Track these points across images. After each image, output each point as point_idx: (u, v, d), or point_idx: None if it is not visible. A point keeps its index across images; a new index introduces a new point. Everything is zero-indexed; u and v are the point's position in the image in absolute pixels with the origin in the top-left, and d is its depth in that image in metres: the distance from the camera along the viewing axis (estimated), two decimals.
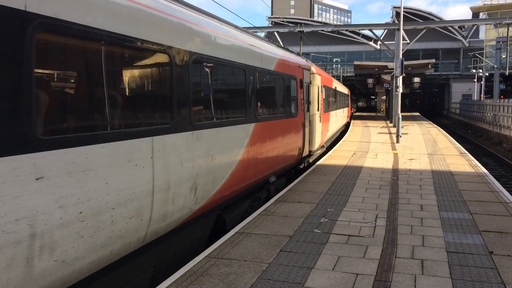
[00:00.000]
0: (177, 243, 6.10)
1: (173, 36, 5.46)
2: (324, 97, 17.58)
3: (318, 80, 15.64)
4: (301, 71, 12.75)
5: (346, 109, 34.46)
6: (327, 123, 18.87)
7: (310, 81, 14.42)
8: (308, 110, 13.95)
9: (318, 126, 15.28)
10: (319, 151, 17.06)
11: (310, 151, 14.42)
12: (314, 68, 15.23)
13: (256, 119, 8.54)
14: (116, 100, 4.53)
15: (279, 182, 11.06)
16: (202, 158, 6.18)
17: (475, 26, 67.31)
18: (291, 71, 11.51)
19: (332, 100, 21.80)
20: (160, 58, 5.27)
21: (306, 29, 35.11)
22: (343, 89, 32.38)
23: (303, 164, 14.36)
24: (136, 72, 5.02)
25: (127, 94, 4.81)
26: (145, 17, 4.89)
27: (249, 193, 8.89)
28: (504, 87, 54.36)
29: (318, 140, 15.46)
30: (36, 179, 3.46)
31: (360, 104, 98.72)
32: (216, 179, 6.73)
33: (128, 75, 4.86)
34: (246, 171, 8.06)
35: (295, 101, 11.96)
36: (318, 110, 15.41)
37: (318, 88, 15.58)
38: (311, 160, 15.53)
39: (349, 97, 41.78)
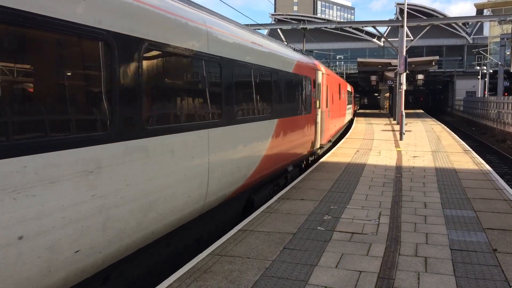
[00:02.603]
0: (220, 216, 7.60)
1: (235, 51, 7.37)
2: (331, 95, 19.15)
3: (326, 79, 17.14)
4: (314, 72, 14.17)
5: (350, 106, 35.92)
6: (334, 119, 20.35)
7: (321, 81, 15.73)
8: (319, 107, 15.24)
9: (326, 122, 16.82)
10: (328, 145, 18.62)
11: (320, 145, 15.69)
12: (323, 69, 16.63)
13: (278, 116, 9.94)
14: (194, 104, 6.12)
15: (294, 171, 12.39)
16: (241, 146, 7.66)
17: (479, 23, 66.97)
18: (306, 72, 12.96)
19: (338, 98, 23.26)
20: (214, 68, 6.70)
21: (309, 26, 35.04)
22: (347, 86, 33.45)
23: (314, 156, 15.56)
24: (209, 83, 6.53)
25: (199, 100, 6.28)
26: (240, 44, 7.71)
27: (270, 180, 10.25)
28: (508, 84, 54.08)
29: (327, 135, 17.10)
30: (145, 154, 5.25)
31: (363, 101, 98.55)
32: (250, 165, 8.22)
33: (207, 87, 6.46)
34: (270, 159, 9.45)
35: (309, 99, 13.32)
36: (326, 107, 16.92)
37: (327, 87, 17.13)
38: (320, 152, 16.60)
39: (353, 94, 42.17)
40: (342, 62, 68.88)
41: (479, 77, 57.30)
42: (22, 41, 3.47)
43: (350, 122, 35.86)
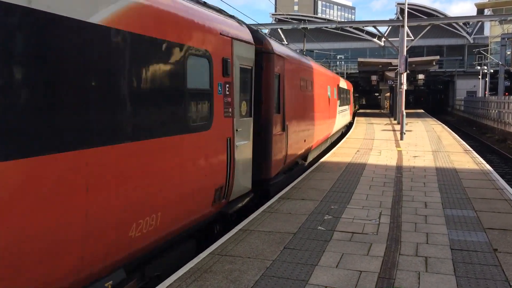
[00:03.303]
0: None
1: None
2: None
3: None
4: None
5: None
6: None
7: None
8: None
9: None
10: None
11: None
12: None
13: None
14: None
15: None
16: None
17: (480, 23, 66.87)
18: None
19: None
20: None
21: (309, 26, 34.99)
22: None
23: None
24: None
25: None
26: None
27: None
28: (509, 84, 54.03)
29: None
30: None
31: (363, 101, 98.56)
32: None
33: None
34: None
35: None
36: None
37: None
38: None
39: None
40: (343, 62, 68.83)
41: (480, 77, 57.25)
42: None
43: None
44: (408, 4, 23.91)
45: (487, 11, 68.67)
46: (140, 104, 4.81)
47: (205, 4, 6.98)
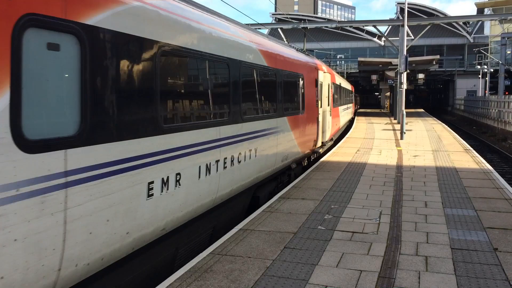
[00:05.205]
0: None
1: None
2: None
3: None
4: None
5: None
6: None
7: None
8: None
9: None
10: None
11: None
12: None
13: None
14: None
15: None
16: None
17: (480, 22, 66.92)
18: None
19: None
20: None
21: (310, 26, 34.99)
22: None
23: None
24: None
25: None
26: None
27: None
28: (509, 83, 54.04)
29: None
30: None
31: (364, 100, 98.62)
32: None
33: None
34: None
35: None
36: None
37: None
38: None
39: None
40: (343, 62, 68.84)
41: (480, 76, 57.27)
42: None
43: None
44: (408, 4, 23.92)
45: (487, 11, 68.66)
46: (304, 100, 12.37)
47: (301, 51, 14.74)
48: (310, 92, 13.14)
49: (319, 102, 14.77)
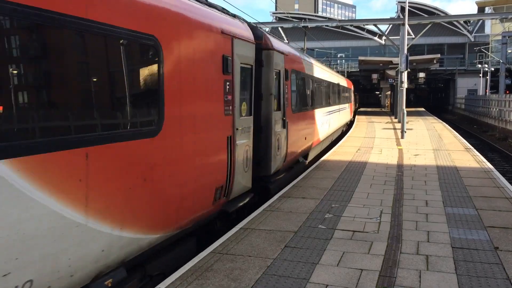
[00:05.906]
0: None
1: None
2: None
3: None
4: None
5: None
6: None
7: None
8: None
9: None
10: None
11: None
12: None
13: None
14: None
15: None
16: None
17: (481, 21, 66.84)
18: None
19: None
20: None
21: (310, 24, 34.99)
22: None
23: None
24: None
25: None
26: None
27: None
28: (510, 82, 53.97)
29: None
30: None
31: (364, 99, 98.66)
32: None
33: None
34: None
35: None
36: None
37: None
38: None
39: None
40: (344, 61, 68.80)
41: (481, 75, 57.19)
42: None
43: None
44: (409, 3, 23.89)
45: (488, 9, 68.56)
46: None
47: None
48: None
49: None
